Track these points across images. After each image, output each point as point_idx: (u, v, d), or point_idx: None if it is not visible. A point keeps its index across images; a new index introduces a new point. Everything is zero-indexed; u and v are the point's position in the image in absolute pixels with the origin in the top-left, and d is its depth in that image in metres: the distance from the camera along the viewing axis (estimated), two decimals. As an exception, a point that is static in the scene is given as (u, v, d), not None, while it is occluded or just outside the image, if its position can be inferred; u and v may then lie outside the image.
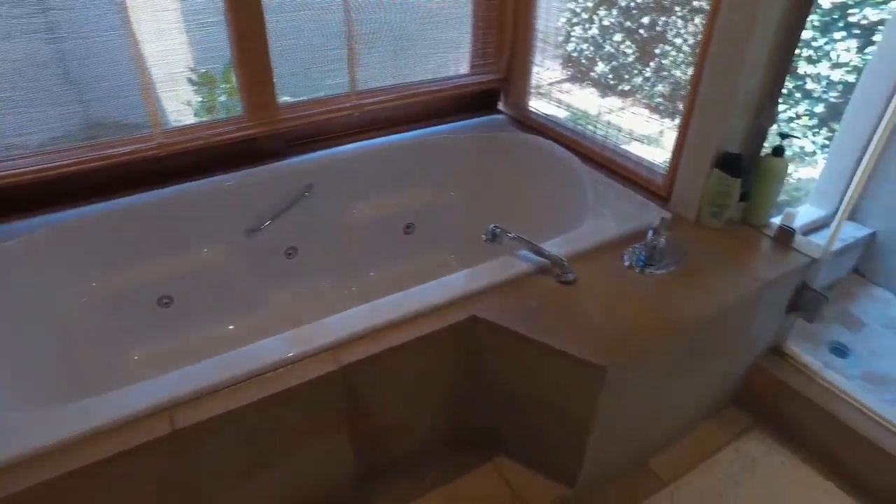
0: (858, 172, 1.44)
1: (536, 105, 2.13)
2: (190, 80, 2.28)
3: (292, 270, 1.91)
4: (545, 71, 2.12)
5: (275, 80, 1.79)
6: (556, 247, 1.43)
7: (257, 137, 1.82)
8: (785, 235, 1.56)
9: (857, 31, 2.90)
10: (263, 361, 1.14)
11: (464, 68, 2.13)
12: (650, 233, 1.42)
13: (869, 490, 1.49)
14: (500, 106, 2.23)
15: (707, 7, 1.54)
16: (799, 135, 3.20)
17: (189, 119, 2.28)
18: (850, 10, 2.89)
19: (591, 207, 1.63)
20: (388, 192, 1.99)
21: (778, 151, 1.56)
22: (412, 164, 2.00)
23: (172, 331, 1.74)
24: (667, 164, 1.68)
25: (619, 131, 1.90)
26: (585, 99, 2.08)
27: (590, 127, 1.97)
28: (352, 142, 1.97)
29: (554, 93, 2.13)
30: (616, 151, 1.84)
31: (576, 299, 1.30)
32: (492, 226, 1.39)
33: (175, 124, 1.81)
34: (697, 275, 1.42)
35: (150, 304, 1.72)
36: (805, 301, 1.58)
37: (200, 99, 2.57)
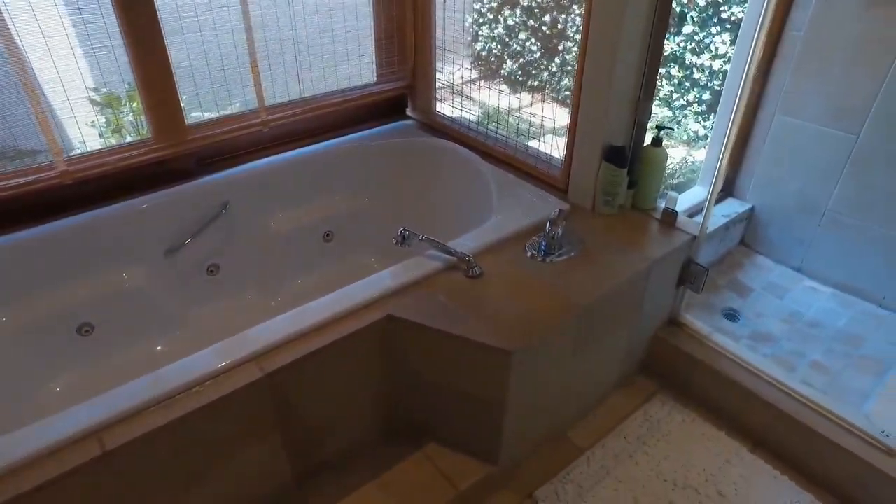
0: (720, 156, 1.63)
1: (446, 107, 2.23)
2: (92, 101, 2.24)
3: (216, 287, 1.93)
4: (456, 71, 2.21)
5: (181, 100, 1.80)
6: (463, 243, 1.54)
7: (168, 158, 1.82)
8: (669, 217, 1.74)
9: (729, 26, 3.20)
10: (188, 377, 1.18)
11: (370, 77, 2.21)
12: (548, 224, 1.55)
13: (751, 433, 1.69)
14: (409, 111, 2.33)
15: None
16: (674, 127, 3.49)
17: (95, 141, 2.24)
18: (722, 8, 3.18)
19: (495, 203, 1.75)
20: (305, 202, 2.04)
21: (656, 142, 1.73)
22: (326, 173, 2.06)
23: (95, 358, 1.72)
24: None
25: (517, 128, 2.03)
26: (496, 97, 2.19)
27: (492, 126, 2.09)
28: (265, 156, 2.01)
29: (463, 94, 2.23)
30: (518, 148, 1.97)
31: (483, 291, 1.41)
32: (401, 228, 1.48)
33: (80, 149, 1.78)
34: (594, 259, 1.57)
35: (69, 333, 1.69)
36: (691, 274, 1.77)
37: (105, 120, 2.51)
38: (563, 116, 1.89)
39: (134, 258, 1.77)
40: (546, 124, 1.97)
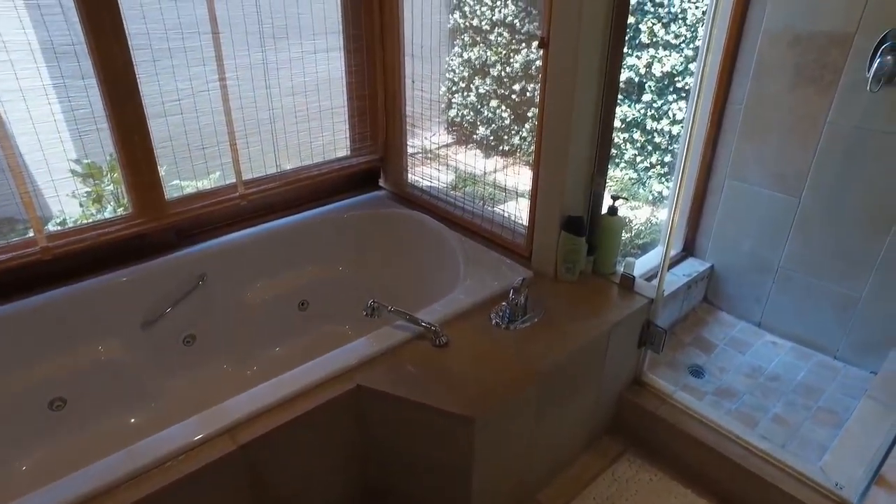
0: (669, 224, 1.75)
1: (418, 178, 2.34)
2: (74, 173, 2.31)
3: (192, 357, 1.96)
4: (427, 141, 2.33)
5: (162, 173, 1.89)
6: (431, 313, 1.61)
7: (148, 232, 1.89)
8: (627, 282, 1.84)
9: (684, 95, 3.42)
10: (162, 451, 1.21)
11: (344, 151, 2.33)
12: (512, 292, 1.63)
13: (716, 490, 1.74)
14: (381, 182, 2.44)
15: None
16: (627, 195, 3.67)
17: (75, 210, 2.30)
18: (676, 78, 3.41)
19: (462, 273, 1.84)
20: (281, 272, 2.11)
21: (612, 211, 1.85)
22: (301, 244, 2.14)
23: (67, 434, 1.73)
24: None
25: (483, 195, 2.15)
26: (468, 164, 2.31)
27: (459, 194, 2.20)
28: (243, 228, 2.09)
29: (433, 166, 2.35)
30: (484, 217, 2.08)
31: (449, 360, 1.48)
32: (370, 301, 1.55)
33: (59, 218, 1.83)
34: (555, 324, 1.65)
35: (40, 409, 1.70)
36: (651, 335, 1.85)
37: (87, 191, 2.59)
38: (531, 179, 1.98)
39: (110, 331, 1.81)
40: (514, 189, 2.08)
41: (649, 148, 3.78)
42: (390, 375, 1.42)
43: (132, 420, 1.83)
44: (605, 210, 1.86)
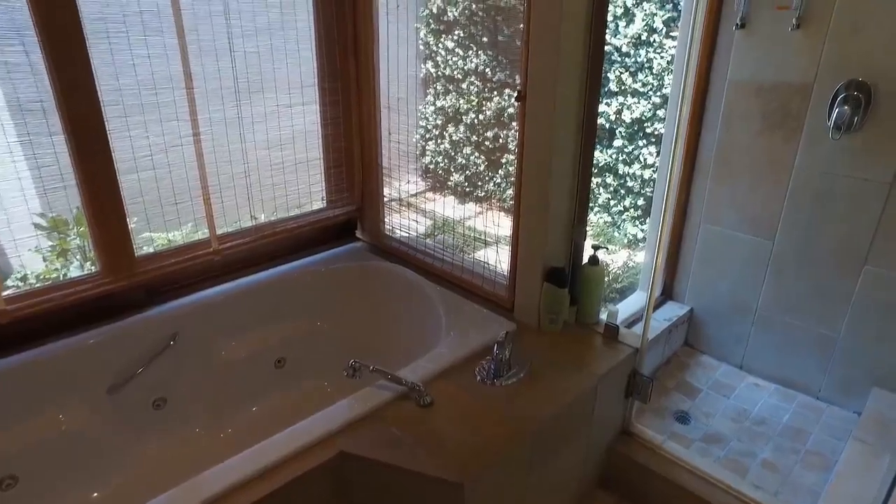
0: (652, 266, 1.74)
1: (395, 230, 2.31)
2: (38, 227, 2.23)
3: (162, 422, 1.86)
4: (403, 188, 2.31)
5: (132, 223, 1.82)
6: (414, 370, 1.56)
7: (116, 291, 1.81)
8: (611, 331, 1.82)
9: (654, 140, 3.50)
10: (129, 537, 1.13)
11: (320, 203, 2.30)
12: (496, 347, 1.59)
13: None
14: (358, 234, 2.41)
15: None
16: (603, 239, 3.72)
17: (39, 265, 2.20)
18: (646, 124, 3.50)
19: (444, 327, 1.80)
20: (256, 329, 2.04)
21: (593, 261, 1.84)
22: (277, 299, 2.08)
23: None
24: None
25: (463, 244, 2.13)
26: (444, 211, 2.29)
27: (439, 245, 2.18)
28: (217, 284, 2.02)
29: (410, 217, 2.33)
30: (464, 268, 2.05)
31: (434, 421, 1.42)
32: (351, 361, 1.50)
33: (19, 275, 1.74)
34: (541, 379, 1.61)
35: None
36: (637, 385, 1.82)
37: (50, 245, 2.49)
38: (508, 224, 1.96)
39: (74, 398, 1.70)
40: (493, 237, 2.06)
41: (622, 192, 3.85)
42: (375, 440, 1.36)
43: (94, 495, 1.70)
44: (585, 260, 1.85)
